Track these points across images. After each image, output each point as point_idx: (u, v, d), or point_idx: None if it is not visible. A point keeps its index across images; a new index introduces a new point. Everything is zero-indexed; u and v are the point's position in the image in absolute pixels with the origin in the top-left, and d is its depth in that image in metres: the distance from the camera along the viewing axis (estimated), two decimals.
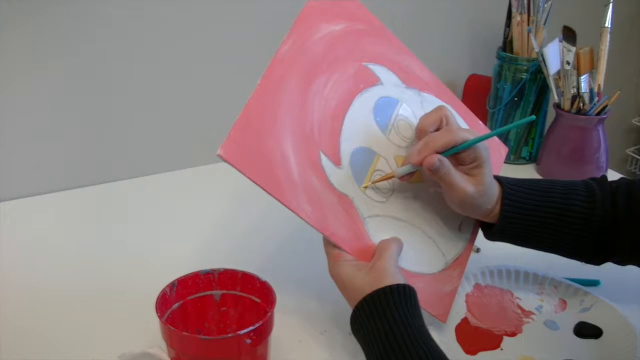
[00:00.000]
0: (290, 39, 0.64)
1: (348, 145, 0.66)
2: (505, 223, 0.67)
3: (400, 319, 0.56)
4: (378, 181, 0.67)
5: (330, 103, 0.65)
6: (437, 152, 0.63)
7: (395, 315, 0.57)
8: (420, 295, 0.61)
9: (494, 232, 0.69)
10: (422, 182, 0.70)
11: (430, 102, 0.73)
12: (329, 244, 0.63)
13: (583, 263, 0.70)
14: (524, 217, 0.67)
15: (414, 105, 0.72)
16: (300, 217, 0.60)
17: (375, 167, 0.67)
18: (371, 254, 0.64)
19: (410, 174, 0.66)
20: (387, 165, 0.68)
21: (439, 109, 0.66)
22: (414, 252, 0.68)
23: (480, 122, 0.79)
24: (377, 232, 0.65)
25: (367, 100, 0.69)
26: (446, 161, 0.63)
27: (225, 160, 0.57)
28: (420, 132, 0.66)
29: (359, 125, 0.67)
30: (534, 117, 0.68)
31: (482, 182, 0.65)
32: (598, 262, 0.70)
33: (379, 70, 0.71)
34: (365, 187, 0.67)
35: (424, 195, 0.70)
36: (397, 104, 0.71)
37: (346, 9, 0.70)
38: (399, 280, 0.59)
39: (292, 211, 0.60)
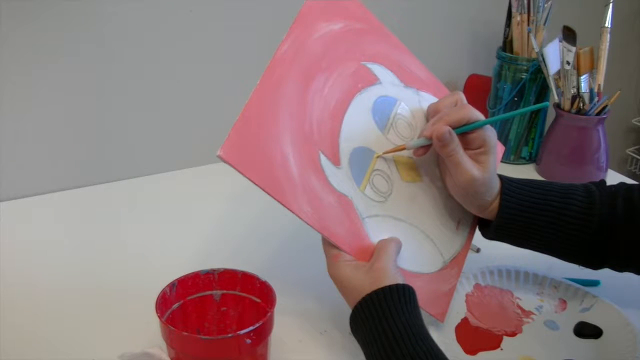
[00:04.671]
0: (289, 38, 0.64)
1: (347, 145, 0.66)
2: (504, 219, 0.67)
3: (399, 318, 0.56)
4: (389, 152, 0.68)
5: (330, 103, 0.65)
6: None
7: (395, 315, 0.57)
8: (418, 294, 0.61)
9: (491, 229, 0.69)
10: (421, 182, 0.70)
11: (429, 101, 0.73)
12: (328, 244, 0.63)
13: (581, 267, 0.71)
14: (522, 215, 0.67)
15: (412, 105, 0.72)
16: (300, 218, 0.60)
17: (373, 166, 0.67)
18: (370, 254, 0.64)
19: (423, 148, 0.66)
20: (386, 165, 0.68)
21: (455, 93, 0.68)
22: (413, 251, 0.68)
23: None
24: (376, 232, 0.65)
25: (365, 99, 0.68)
26: (456, 138, 0.64)
27: (225, 161, 0.57)
28: (435, 112, 0.67)
29: (357, 125, 0.67)
30: (547, 103, 0.68)
31: (487, 169, 0.65)
32: (595, 266, 0.70)
33: (378, 70, 0.71)
34: (378, 157, 0.67)
35: (423, 195, 0.70)
36: (395, 103, 0.71)
37: (345, 8, 0.70)
38: (398, 280, 0.59)
39: (292, 212, 0.60)
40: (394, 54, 0.73)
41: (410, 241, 0.68)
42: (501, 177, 0.69)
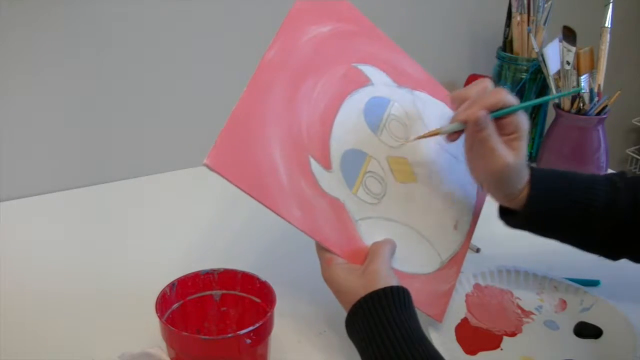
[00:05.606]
0: (276, 43, 0.63)
1: (338, 148, 0.65)
2: (532, 208, 0.66)
3: (394, 321, 0.56)
4: (424, 137, 0.67)
5: (319, 106, 0.65)
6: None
7: (390, 318, 0.56)
8: (415, 295, 0.60)
9: (518, 217, 0.67)
10: (416, 182, 0.70)
11: (424, 100, 0.73)
12: (322, 248, 0.63)
13: (599, 257, 0.69)
14: (550, 204, 0.66)
15: (406, 105, 0.72)
16: (291, 223, 0.60)
17: (366, 169, 0.67)
18: (364, 257, 0.63)
19: (456, 133, 0.65)
20: (380, 167, 0.67)
21: (483, 79, 0.66)
22: (408, 252, 0.67)
23: None
24: (370, 234, 0.65)
25: (357, 101, 0.68)
26: (491, 122, 0.62)
27: (211, 169, 0.56)
28: (463, 99, 0.65)
29: (349, 127, 0.66)
30: (581, 88, 0.67)
31: (520, 155, 0.64)
32: (614, 256, 0.69)
33: (369, 71, 0.70)
34: (414, 140, 0.67)
35: (418, 196, 0.70)
36: (388, 103, 0.70)
37: (334, 10, 0.69)
38: (392, 282, 0.59)
39: (282, 217, 0.60)
40: (386, 55, 0.72)
41: (406, 242, 0.67)
42: (529, 166, 0.68)
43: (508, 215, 0.70)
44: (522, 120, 0.64)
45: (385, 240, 0.65)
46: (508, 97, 0.63)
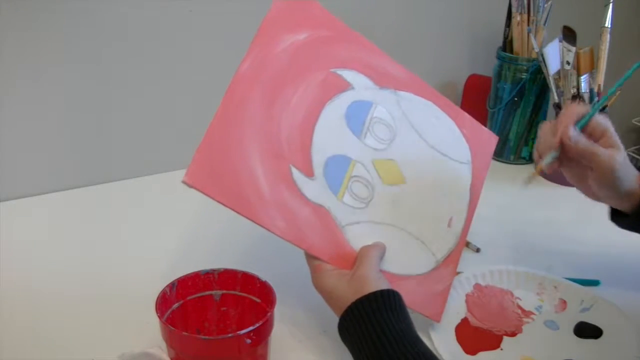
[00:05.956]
0: (250, 54, 0.63)
1: (320, 155, 0.65)
2: None
3: (385, 323, 0.56)
4: (536, 174, 0.67)
5: (298, 115, 0.64)
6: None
7: (381, 321, 0.56)
8: (410, 297, 0.60)
9: (631, 217, 0.67)
10: (405, 184, 0.70)
11: (409, 100, 0.72)
12: (310, 256, 0.63)
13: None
14: None
15: (389, 106, 0.71)
16: (275, 235, 0.60)
17: (351, 173, 0.66)
18: (353, 262, 0.63)
19: (556, 162, 0.66)
20: (365, 171, 0.67)
21: (544, 123, 0.67)
22: (401, 254, 0.67)
23: (466, 114, 0.77)
24: (358, 239, 0.65)
25: (337, 106, 0.67)
26: (581, 134, 0.63)
27: (191, 187, 0.56)
28: (543, 144, 0.66)
29: (330, 133, 0.66)
30: None
31: (621, 149, 0.64)
32: None
33: (349, 75, 0.69)
34: (531, 176, 0.68)
35: (407, 197, 0.69)
36: (371, 106, 0.70)
37: (309, 17, 0.68)
38: (382, 286, 0.59)
39: (266, 229, 0.60)
40: (365, 57, 0.71)
41: (397, 244, 0.67)
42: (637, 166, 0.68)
43: (620, 217, 0.70)
44: (604, 121, 0.65)
45: (374, 244, 0.65)
46: (581, 107, 0.64)
